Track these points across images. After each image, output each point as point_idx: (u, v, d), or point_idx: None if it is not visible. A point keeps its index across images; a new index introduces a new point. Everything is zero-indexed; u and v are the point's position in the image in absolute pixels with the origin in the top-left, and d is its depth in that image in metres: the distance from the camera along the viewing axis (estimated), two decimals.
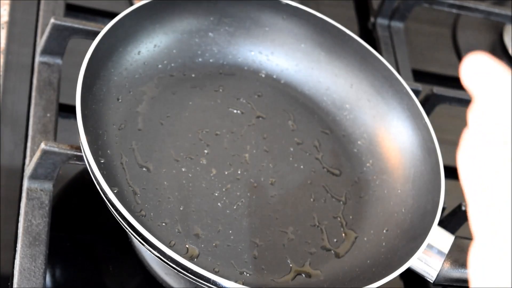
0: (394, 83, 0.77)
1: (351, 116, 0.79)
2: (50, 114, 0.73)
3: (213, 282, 0.60)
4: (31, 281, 0.63)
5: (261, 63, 0.80)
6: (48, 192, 0.68)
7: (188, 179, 0.69)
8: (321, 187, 0.74)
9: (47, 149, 0.66)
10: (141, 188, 0.67)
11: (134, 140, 0.70)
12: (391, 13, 0.97)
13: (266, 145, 0.75)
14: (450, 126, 0.97)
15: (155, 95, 0.74)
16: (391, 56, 0.94)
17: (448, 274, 0.68)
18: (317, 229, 0.71)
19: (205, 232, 0.67)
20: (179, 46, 0.77)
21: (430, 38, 1.05)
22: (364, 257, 0.69)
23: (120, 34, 0.71)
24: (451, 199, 0.80)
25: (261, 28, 0.80)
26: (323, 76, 0.80)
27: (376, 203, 0.74)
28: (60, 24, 0.74)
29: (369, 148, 0.77)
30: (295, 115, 0.78)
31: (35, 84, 0.75)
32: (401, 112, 0.77)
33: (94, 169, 0.61)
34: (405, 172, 0.74)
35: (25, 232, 0.65)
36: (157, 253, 0.60)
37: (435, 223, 0.68)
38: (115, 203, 0.60)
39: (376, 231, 0.71)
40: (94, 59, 0.67)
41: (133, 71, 0.73)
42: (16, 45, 0.78)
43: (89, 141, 0.63)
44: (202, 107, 0.75)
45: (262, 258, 0.67)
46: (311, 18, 0.79)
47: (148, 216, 0.66)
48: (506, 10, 1.00)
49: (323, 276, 0.68)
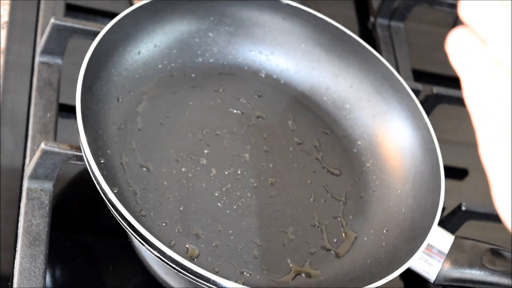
0: (394, 83, 0.77)
1: (351, 116, 0.79)
2: (50, 114, 0.73)
3: (213, 282, 0.60)
4: (31, 281, 0.63)
5: (261, 63, 0.80)
6: (48, 192, 0.68)
7: (188, 179, 0.69)
8: (321, 187, 0.74)
9: (47, 149, 0.66)
10: (141, 188, 0.67)
11: (134, 140, 0.70)
12: (391, 13, 0.97)
13: (266, 145, 0.75)
14: (450, 126, 0.97)
15: (155, 95, 0.74)
16: (391, 56, 0.94)
17: (448, 274, 0.68)
18: (317, 229, 0.71)
19: (205, 232, 0.67)
20: (179, 46, 0.77)
21: (430, 38, 1.05)
22: (364, 257, 0.69)
23: (120, 34, 0.71)
24: (451, 199, 0.80)
25: (261, 28, 0.80)
26: (323, 76, 0.80)
27: (376, 203, 0.74)
28: (60, 24, 0.74)
29: (369, 148, 0.77)
30: (295, 115, 0.78)
31: (35, 84, 0.75)
32: (401, 112, 0.77)
33: (94, 169, 0.61)
34: (405, 172, 0.74)
35: (25, 232, 0.65)
36: (157, 253, 0.60)
37: (435, 223, 0.68)
38: (115, 203, 0.60)
39: (376, 231, 0.71)
40: (94, 59, 0.67)
41: (133, 71, 0.73)
42: (16, 45, 0.78)
43: (89, 141, 0.63)
44: (202, 107, 0.75)
45: (262, 258, 0.67)
46: (311, 18, 0.79)
47: (148, 216, 0.66)
48: None
49: (323, 276, 0.68)
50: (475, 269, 0.67)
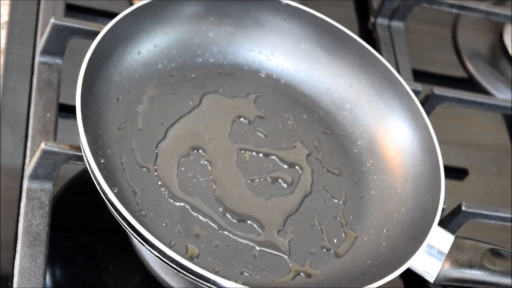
0: (394, 83, 0.77)
1: (351, 116, 0.79)
2: (50, 114, 0.73)
3: (213, 282, 0.60)
4: (31, 281, 0.64)
5: (261, 63, 0.80)
6: (48, 192, 0.68)
7: (188, 179, 0.69)
8: (321, 187, 0.74)
9: (47, 149, 0.66)
10: (141, 188, 0.67)
11: (134, 140, 0.70)
12: (391, 13, 0.97)
13: (266, 145, 0.75)
14: (450, 126, 0.97)
15: (155, 95, 0.74)
16: (391, 56, 0.94)
17: (448, 274, 0.68)
18: (317, 229, 0.71)
19: (205, 232, 0.67)
20: (179, 46, 0.77)
21: (430, 38, 1.05)
22: (364, 257, 0.69)
23: (120, 34, 0.71)
24: (451, 199, 0.80)
25: (261, 28, 0.80)
26: (323, 76, 0.80)
27: (376, 203, 0.74)
28: (60, 24, 0.74)
29: (369, 148, 0.77)
30: (295, 115, 0.78)
31: (35, 84, 0.75)
32: (401, 112, 0.77)
33: (94, 169, 0.61)
34: (405, 172, 0.74)
35: (25, 232, 0.66)
36: (157, 253, 0.60)
37: (435, 223, 0.68)
38: (115, 203, 0.60)
39: (376, 231, 0.71)
40: (94, 59, 0.67)
41: (133, 71, 0.73)
42: (16, 45, 0.78)
43: (89, 141, 0.63)
44: (202, 107, 0.75)
45: (262, 258, 0.67)
46: (311, 18, 0.79)
47: (148, 216, 0.66)
48: (506, 10, 1.00)
49: (323, 276, 0.68)
50: (475, 269, 0.67)
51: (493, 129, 1.00)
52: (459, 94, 0.88)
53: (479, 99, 0.89)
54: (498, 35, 1.08)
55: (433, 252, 0.68)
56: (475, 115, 0.98)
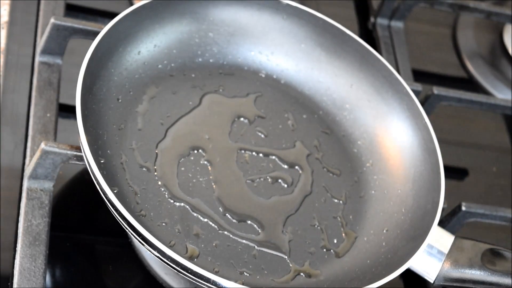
0: (394, 83, 0.77)
1: (351, 116, 0.79)
2: (50, 114, 0.73)
3: (213, 282, 0.60)
4: (31, 281, 0.64)
5: (261, 63, 0.80)
6: (48, 192, 0.68)
7: (188, 179, 0.69)
8: (321, 187, 0.74)
9: (47, 149, 0.66)
10: (141, 188, 0.67)
11: (134, 140, 0.70)
12: (391, 13, 0.97)
13: (266, 145, 0.75)
14: (450, 126, 0.97)
15: (155, 95, 0.74)
16: (391, 56, 0.94)
17: (448, 274, 0.68)
18: (317, 229, 0.71)
19: (205, 232, 0.67)
20: (179, 46, 0.77)
21: (430, 38, 1.05)
22: (364, 257, 0.69)
23: (120, 34, 0.71)
24: (451, 199, 0.80)
25: (261, 28, 0.80)
26: (323, 76, 0.80)
27: (376, 203, 0.74)
28: (60, 24, 0.74)
29: (369, 148, 0.77)
30: (295, 115, 0.78)
31: (35, 84, 0.75)
32: (401, 112, 0.77)
33: (94, 169, 0.61)
34: (405, 172, 0.74)
35: (25, 232, 0.66)
36: (157, 253, 0.60)
37: (435, 223, 0.68)
38: (115, 203, 0.60)
39: (376, 231, 0.71)
40: (94, 59, 0.67)
41: (133, 71, 0.73)
42: (16, 45, 0.78)
43: (89, 141, 0.63)
44: (202, 107, 0.75)
45: (262, 258, 0.67)
46: (311, 18, 0.79)
47: (148, 216, 0.66)
48: (506, 10, 1.00)
49: (323, 276, 0.68)
50: (475, 269, 0.67)
51: (493, 129, 1.00)
52: (459, 94, 0.88)
53: (479, 99, 0.89)
54: (498, 35, 1.08)
55: (433, 252, 0.68)
56: (475, 115, 0.98)
